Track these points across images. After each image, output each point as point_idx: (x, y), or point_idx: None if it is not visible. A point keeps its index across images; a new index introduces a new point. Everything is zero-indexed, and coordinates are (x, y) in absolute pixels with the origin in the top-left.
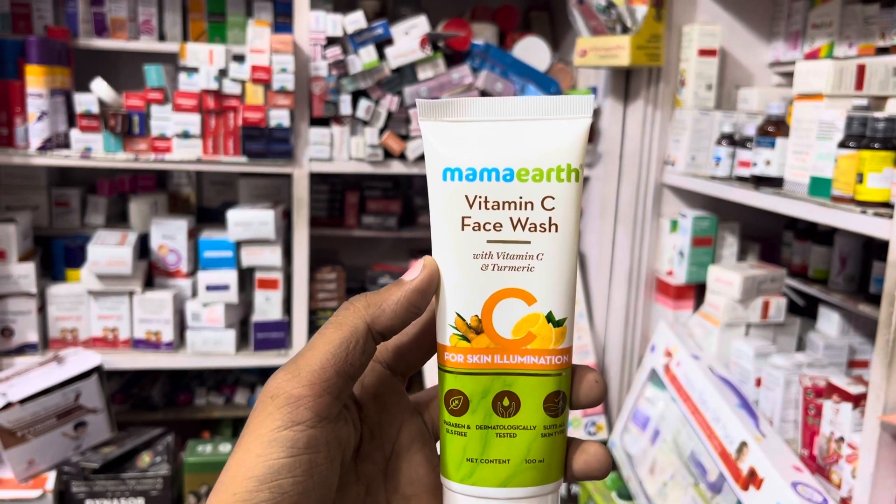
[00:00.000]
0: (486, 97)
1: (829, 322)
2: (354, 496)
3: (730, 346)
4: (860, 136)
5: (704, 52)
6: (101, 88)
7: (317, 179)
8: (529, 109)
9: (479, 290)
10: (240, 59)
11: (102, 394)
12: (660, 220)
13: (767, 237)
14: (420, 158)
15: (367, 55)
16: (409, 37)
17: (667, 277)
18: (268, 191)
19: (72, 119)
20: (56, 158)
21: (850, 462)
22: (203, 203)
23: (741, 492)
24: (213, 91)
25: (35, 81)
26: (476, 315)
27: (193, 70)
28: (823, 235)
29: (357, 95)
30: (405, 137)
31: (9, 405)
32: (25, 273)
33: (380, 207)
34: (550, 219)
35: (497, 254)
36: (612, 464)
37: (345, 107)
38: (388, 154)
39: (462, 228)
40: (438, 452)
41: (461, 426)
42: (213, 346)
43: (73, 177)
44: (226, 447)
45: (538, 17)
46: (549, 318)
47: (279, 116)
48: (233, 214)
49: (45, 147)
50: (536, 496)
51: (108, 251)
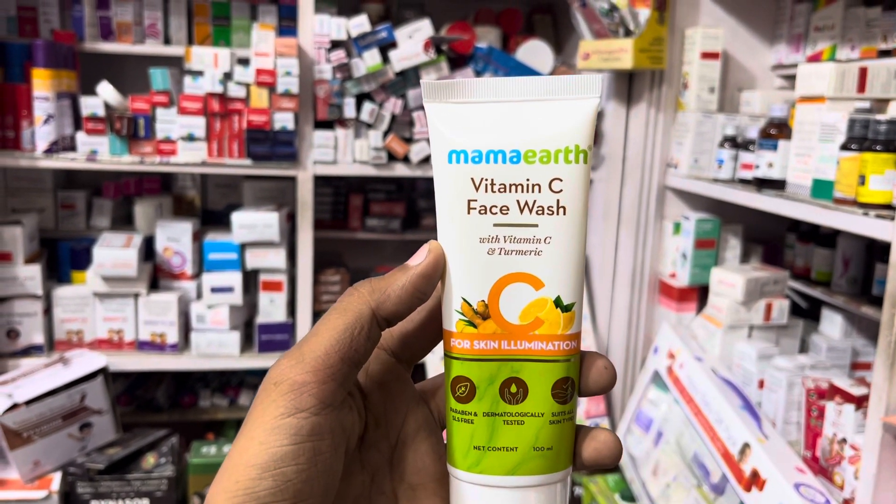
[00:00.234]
0: (493, 77)
1: (832, 324)
2: (359, 485)
3: (733, 348)
4: (862, 139)
5: (707, 55)
6: (107, 92)
7: (321, 182)
8: (536, 90)
9: (486, 275)
10: (244, 63)
11: (108, 395)
12: (663, 223)
13: (770, 239)
14: (424, 161)
15: (371, 58)
16: (413, 40)
17: (670, 280)
18: (272, 193)
19: (78, 122)
20: (62, 161)
21: (853, 463)
22: (208, 205)
23: (744, 493)
24: (218, 94)
25: (41, 85)
26: (483, 300)
27: (198, 73)
28: (826, 238)
29: (361, 98)
30: (409, 140)
31: (15, 406)
32: (31, 275)
33: (383, 210)
34: (558, 201)
35: (504, 237)
36: (622, 452)
37: (349, 110)
38: (392, 157)
39: (468, 212)
40: (445, 441)
41: (468, 413)
42: (218, 348)
43: (79, 179)
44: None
45: (541, 21)
46: (558, 303)
47: (283, 119)
48: (237, 217)
49: (52, 150)
50: (545, 484)
51: (114, 253)
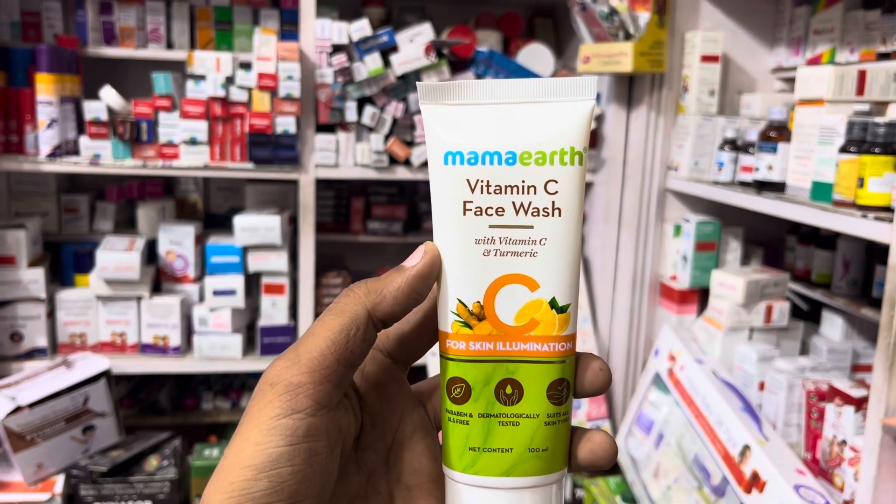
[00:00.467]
0: (489, 79)
1: (833, 326)
2: (355, 486)
3: (733, 351)
4: (861, 141)
5: (707, 58)
6: (110, 96)
7: (323, 185)
8: (532, 92)
9: (482, 276)
10: (246, 67)
11: (110, 398)
12: (663, 225)
13: (770, 241)
14: (425, 164)
15: (373, 62)
16: (414, 44)
17: (670, 282)
18: (274, 197)
19: (81, 126)
20: (65, 165)
21: (853, 465)
22: (210, 209)
23: (744, 495)
24: (220, 98)
25: (45, 89)
26: (478, 301)
27: (201, 77)
28: (826, 240)
29: (362, 102)
30: (410, 144)
31: (18, 409)
32: (35, 278)
33: (385, 213)
34: (554, 203)
35: (499, 239)
36: (618, 453)
37: (350, 113)
38: (394, 160)
39: (464, 213)
40: (440, 442)
41: (463, 414)
42: (220, 351)
43: (82, 183)
44: (226, 449)
45: (542, 24)
46: (553, 304)
47: (285, 123)
48: (239, 220)
49: (55, 154)
50: (540, 486)
51: (117, 257)
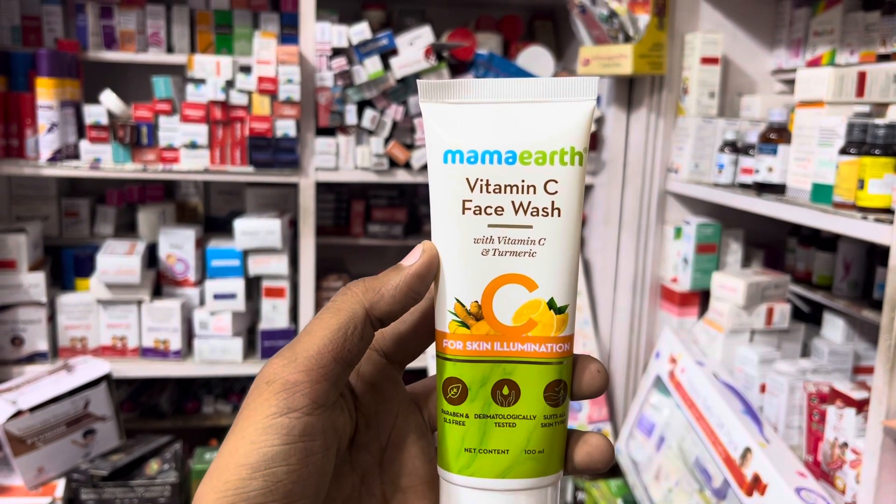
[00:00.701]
0: (489, 78)
1: (834, 328)
2: (349, 486)
3: (734, 353)
4: (861, 143)
5: (707, 61)
6: (110, 100)
7: (323, 188)
8: (533, 91)
9: (480, 276)
10: (246, 71)
11: (111, 402)
12: (664, 228)
13: (771, 243)
14: (425, 167)
15: (372, 66)
16: (414, 47)
17: (671, 284)
18: (274, 200)
19: (81, 130)
20: (66, 169)
21: (854, 467)
22: (210, 212)
23: (745, 497)
24: (221, 102)
25: (45, 93)
26: (476, 301)
27: (201, 81)
28: (827, 241)
29: (362, 105)
30: (410, 146)
31: (19, 413)
32: (35, 282)
33: (385, 216)
34: (553, 203)
35: (498, 238)
36: (614, 456)
37: (350, 117)
38: (394, 163)
39: (463, 212)
40: (435, 444)
41: (459, 415)
42: (221, 355)
43: (83, 187)
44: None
45: (542, 27)
46: (551, 305)
47: (285, 126)
48: (240, 224)
49: (55, 158)
50: (536, 488)
51: (117, 260)
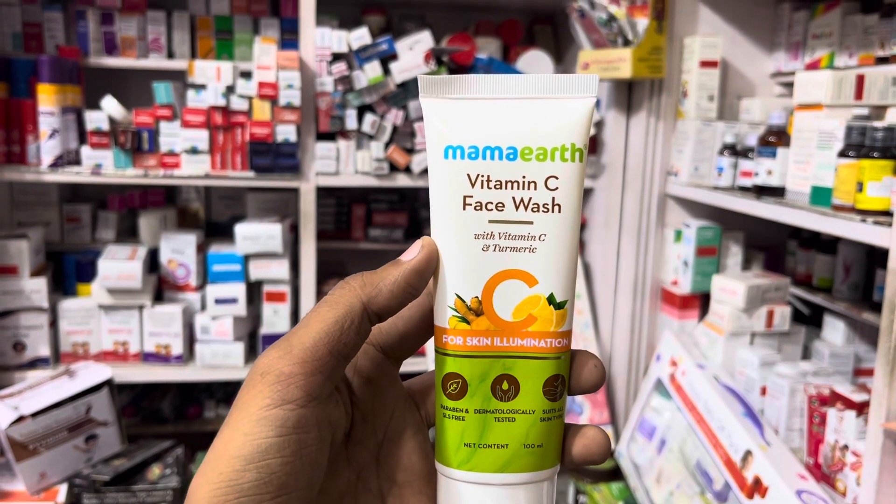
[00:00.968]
0: (490, 74)
1: (834, 330)
2: (345, 482)
3: (735, 355)
4: (859, 146)
5: (706, 64)
6: (111, 106)
7: (323, 193)
8: (534, 87)
9: (480, 271)
10: (247, 76)
11: (113, 407)
12: (664, 231)
13: (771, 246)
14: (425, 171)
15: (372, 70)
16: (414, 52)
17: (672, 287)
18: (275, 205)
19: (82, 136)
20: (67, 175)
21: (855, 470)
22: (211, 217)
23: (746, 500)
24: (221, 107)
25: (46, 100)
26: (476, 296)
27: (201, 87)
28: (827, 244)
29: (362, 110)
30: (410, 151)
31: (21, 419)
32: (37, 288)
33: (386, 220)
34: (554, 199)
35: (499, 234)
36: (611, 448)
37: (350, 121)
38: (394, 167)
39: (463, 208)
40: (432, 439)
41: (459, 410)
42: (222, 359)
43: (84, 193)
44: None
45: (541, 31)
46: (551, 301)
47: (286, 132)
48: (241, 228)
49: (57, 164)
50: (534, 482)
51: (119, 266)
